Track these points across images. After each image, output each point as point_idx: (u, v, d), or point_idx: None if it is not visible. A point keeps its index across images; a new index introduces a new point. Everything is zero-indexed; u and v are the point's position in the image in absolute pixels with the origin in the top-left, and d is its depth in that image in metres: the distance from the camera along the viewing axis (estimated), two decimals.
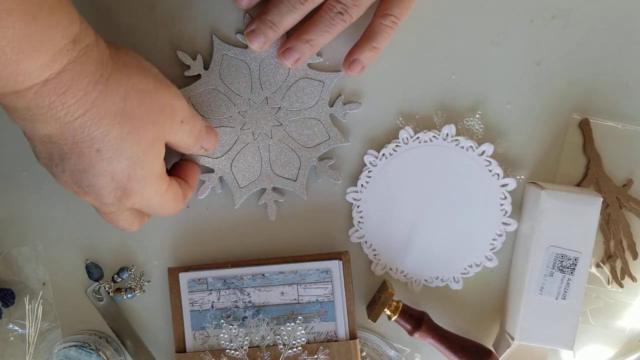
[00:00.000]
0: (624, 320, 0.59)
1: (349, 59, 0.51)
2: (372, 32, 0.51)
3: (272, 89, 0.51)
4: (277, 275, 0.56)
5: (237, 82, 0.51)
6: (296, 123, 0.52)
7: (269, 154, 0.52)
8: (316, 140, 0.52)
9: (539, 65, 0.57)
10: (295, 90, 0.51)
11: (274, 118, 0.51)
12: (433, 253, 0.58)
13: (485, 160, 0.56)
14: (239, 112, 0.51)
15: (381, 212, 0.57)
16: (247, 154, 0.52)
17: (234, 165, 0.52)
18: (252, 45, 0.50)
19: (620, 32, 0.57)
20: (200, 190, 0.53)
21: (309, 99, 0.51)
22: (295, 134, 0.52)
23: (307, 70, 0.51)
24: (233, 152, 0.52)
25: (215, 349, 0.55)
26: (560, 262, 0.54)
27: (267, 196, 0.53)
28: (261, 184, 0.53)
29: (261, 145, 0.52)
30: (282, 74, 0.51)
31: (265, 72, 0.51)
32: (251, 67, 0.51)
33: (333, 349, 0.55)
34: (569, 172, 0.58)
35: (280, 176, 0.52)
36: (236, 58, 0.51)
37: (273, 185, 0.53)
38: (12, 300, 0.56)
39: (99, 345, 0.56)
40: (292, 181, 0.52)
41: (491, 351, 0.56)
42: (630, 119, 0.57)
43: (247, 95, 0.51)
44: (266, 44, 0.50)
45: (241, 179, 0.52)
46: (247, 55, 0.51)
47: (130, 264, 0.58)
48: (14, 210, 0.57)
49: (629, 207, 0.58)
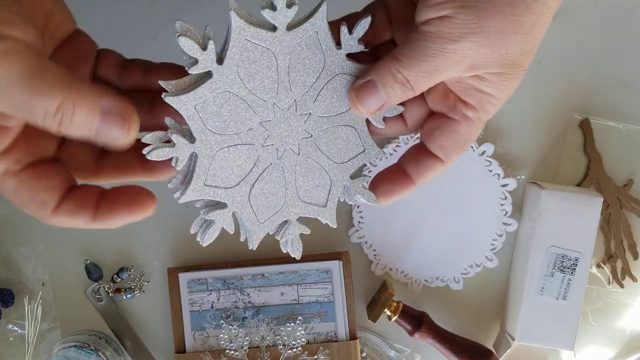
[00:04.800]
0: (625, 321, 0.59)
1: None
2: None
3: (303, 90, 0.37)
4: (277, 275, 0.55)
5: (260, 81, 0.36)
6: (328, 133, 0.39)
7: (295, 177, 0.39)
8: (350, 153, 0.40)
9: (540, 65, 0.57)
10: (330, 91, 0.38)
11: (303, 128, 0.38)
12: (433, 253, 0.58)
13: (486, 160, 0.56)
14: (260, 123, 0.37)
15: (381, 213, 0.57)
16: (269, 179, 0.38)
17: (253, 195, 0.38)
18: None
19: (620, 32, 0.57)
20: (207, 235, 0.37)
21: (344, 100, 0.38)
22: (326, 148, 0.39)
23: (346, 63, 0.38)
24: (251, 178, 0.37)
25: (215, 350, 0.55)
26: (561, 263, 0.54)
27: (291, 230, 0.39)
28: (285, 214, 0.39)
29: (286, 166, 0.38)
30: (317, 68, 0.37)
31: (295, 67, 0.37)
32: (279, 59, 0.36)
33: (333, 349, 0.55)
34: (570, 172, 0.58)
35: (308, 202, 0.40)
36: (262, 46, 0.35)
37: (298, 214, 0.40)
38: (11, 301, 0.56)
39: (98, 345, 0.56)
40: (321, 207, 0.40)
41: (491, 351, 0.56)
42: (631, 118, 0.57)
43: (272, 100, 0.37)
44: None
45: (261, 211, 0.38)
46: (277, 42, 0.35)
47: (130, 264, 0.58)
48: (14, 210, 0.57)
49: (630, 207, 0.57)
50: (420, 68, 0.33)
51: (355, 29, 0.36)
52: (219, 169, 0.35)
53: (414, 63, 0.33)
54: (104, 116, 0.30)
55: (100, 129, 0.30)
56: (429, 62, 0.33)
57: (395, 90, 0.35)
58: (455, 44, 0.32)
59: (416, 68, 0.33)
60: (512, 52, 0.33)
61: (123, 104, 0.30)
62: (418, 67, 0.33)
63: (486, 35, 0.32)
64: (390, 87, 0.35)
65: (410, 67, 0.34)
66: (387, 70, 0.34)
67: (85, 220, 0.32)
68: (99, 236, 0.57)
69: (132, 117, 0.30)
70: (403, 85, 0.34)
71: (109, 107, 0.30)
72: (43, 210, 0.32)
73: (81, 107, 0.29)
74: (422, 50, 0.33)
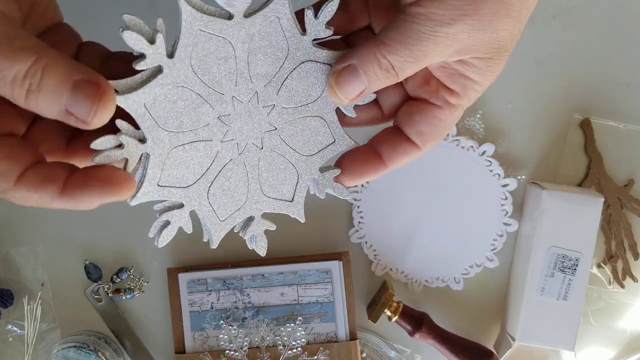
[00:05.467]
0: (625, 321, 0.59)
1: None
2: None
3: (265, 81, 0.35)
4: (276, 275, 0.55)
5: (217, 73, 0.34)
6: (294, 125, 0.37)
7: (258, 172, 0.37)
8: (318, 145, 0.38)
9: (540, 65, 0.57)
10: (295, 80, 0.36)
11: (266, 121, 0.36)
12: (433, 253, 0.58)
13: (486, 160, 0.56)
14: (218, 118, 0.35)
15: (381, 212, 0.57)
16: (229, 175, 0.36)
17: (212, 193, 0.36)
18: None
19: (620, 32, 0.56)
20: (162, 236, 0.35)
21: (311, 90, 0.36)
22: (291, 140, 0.37)
23: (313, 49, 0.35)
24: (210, 175, 0.35)
25: (214, 350, 0.55)
26: (562, 263, 0.54)
27: (255, 226, 0.38)
28: (248, 211, 0.37)
29: (248, 161, 0.36)
30: (279, 57, 0.35)
31: (256, 57, 0.34)
32: (237, 50, 0.34)
33: (333, 349, 0.55)
34: (570, 172, 0.58)
35: (273, 198, 0.38)
36: (217, 36, 0.33)
37: (262, 210, 0.38)
38: (10, 301, 0.56)
39: (97, 346, 0.55)
40: (287, 202, 0.38)
41: (492, 352, 0.55)
42: (632, 118, 0.57)
43: (231, 92, 0.34)
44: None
45: (222, 209, 0.37)
46: (233, 31, 0.33)
47: (130, 265, 0.57)
48: (13, 210, 0.57)
49: (631, 208, 0.57)
50: (409, 53, 0.31)
51: (321, 12, 0.34)
52: (174, 168, 0.34)
53: (401, 47, 0.31)
54: (75, 88, 0.27)
55: (70, 102, 0.27)
56: (418, 46, 0.31)
57: (378, 76, 0.33)
58: (448, 27, 0.30)
59: (404, 53, 0.31)
60: (502, 35, 0.32)
61: (97, 78, 0.28)
62: (406, 52, 0.31)
63: (480, 18, 0.30)
64: (373, 72, 0.32)
65: (398, 52, 0.31)
66: (371, 55, 0.32)
67: (52, 194, 0.29)
68: (99, 236, 0.57)
69: (107, 93, 0.28)
70: (387, 72, 0.32)
71: (81, 80, 0.28)
72: (4, 181, 0.29)
73: (51, 74, 0.27)
74: (411, 34, 0.31)
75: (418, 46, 0.31)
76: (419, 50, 0.31)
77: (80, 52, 0.34)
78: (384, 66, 0.32)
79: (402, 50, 0.31)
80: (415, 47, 0.31)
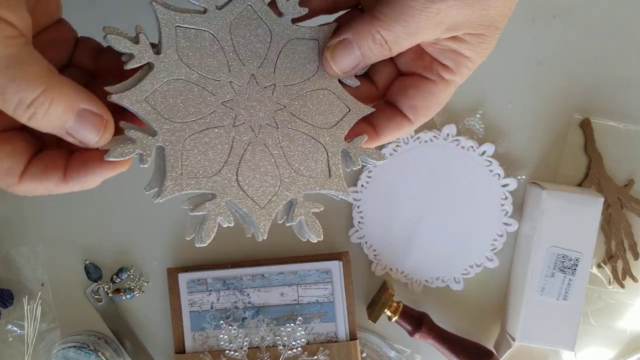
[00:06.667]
0: (625, 321, 0.59)
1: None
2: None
3: (257, 62, 0.36)
4: (276, 275, 0.55)
5: (208, 62, 0.35)
6: (302, 100, 0.37)
7: (282, 150, 0.36)
8: (335, 116, 0.37)
9: (540, 65, 0.57)
10: (288, 57, 0.37)
11: (272, 100, 0.36)
12: (433, 253, 0.58)
13: (486, 160, 0.56)
14: (222, 104, 0.35)
15: (381, 213, 0.57)
16: (253, 157, 0.35)
17: (242, 178, 0.34)
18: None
19: (621, 32, 0.56)
20: (203, 233, 0.33)
21: (306, 65, 0.37)
22: (305, 115, 0.37)
23: (295, 27, 0.37)
24: (234, 160, 0.35)
25: (214, 350, 0.55)
26: (562, 263, 0.54)
27: (301, 209, 0.36)
28: (286, 194, 0.36)
29: (268, 141, 0.36)
30: (264, 39, 0.36)
31: (240, 42, 0.35)
32: (219, 38, 0.35)
33: (333, 349, 0.55)
34: (570, 172, 0.58)
35: (307, 175, 0.36)
36: (195, 29, 0.35)
37: (302, 190, 0.36)
38: (10, 301, 0.56)
39: (97, 346, 0.55)
40: (325, 177, 0.37)
41: (492, 352, 0.55)
42: (632, 118, 0.57)
43: (225, 78, 0.35)
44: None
45: (258, 194, 0.35)
46: (211, 22, 0.35)
47: (130, 265, 0.57)
48: (14, 210, 0.57)
49: (631, 208, 0.57)
50: (402, 29, 0.32)
51: None
52: (192, 157, 0.33)
53: (394, 23, 0.32)
54: (79, 117, 0.29)
55: (74, 129, 0.29)
56: (411, 22, 0.32)
57: (372, 51, 0.34)
58: (440, 2, 0.31)
59: (397, 29, 0.32)
60: (492, 13, 0.33)
61: (102, 109, 0.29)
62: (400, 28, 0.32)
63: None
64: (367, 47, 0.34)
65: (391, 28, 0.32)
66: (366, 30, 0.33)
67: (56, 181, 0.30)
68: (99, 236, 0.57)
69: (110, 123, 0.30)
70: (380, 46, 0.33)
71: (86, 111, 0.29)
72: (10, 177, 0.30)
73: (57, 105, 0.28)
74: (405, 10, 0.32)
75: (411, 22, 0.32)
76: (411, 26, 0.32)
77: (76, 48, 0.35)
78: (378, 41, 0.33)
79: (395, 26, 0.32)
80: (408, 24, 0.32)
